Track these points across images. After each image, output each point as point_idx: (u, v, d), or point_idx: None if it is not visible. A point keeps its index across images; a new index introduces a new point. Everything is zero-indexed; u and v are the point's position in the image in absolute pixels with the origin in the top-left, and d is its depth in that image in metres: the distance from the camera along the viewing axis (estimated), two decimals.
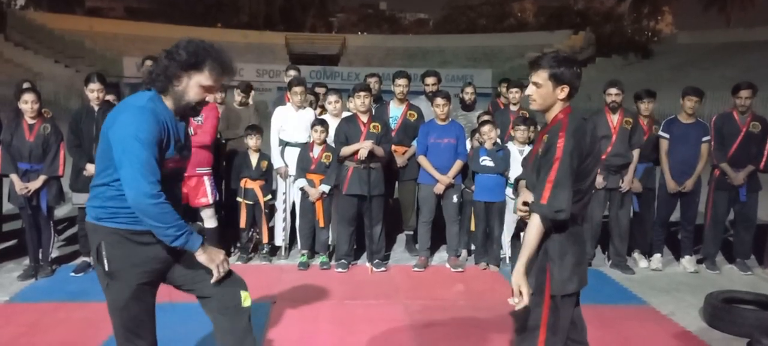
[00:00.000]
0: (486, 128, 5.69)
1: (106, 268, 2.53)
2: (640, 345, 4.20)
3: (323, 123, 5.70)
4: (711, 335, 4.42)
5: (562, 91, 2.66)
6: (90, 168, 5.22)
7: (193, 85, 2.55)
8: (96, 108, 5.26)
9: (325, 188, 5.68)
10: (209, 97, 2.63)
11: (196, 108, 2.63)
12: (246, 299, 2.75)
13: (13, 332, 4.19)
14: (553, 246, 2.68)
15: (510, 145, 5.86)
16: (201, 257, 2.56)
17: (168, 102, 2.59)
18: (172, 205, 2.50)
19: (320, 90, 6.77)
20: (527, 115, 6.30)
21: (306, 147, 5.75)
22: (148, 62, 6.39)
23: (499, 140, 5.84)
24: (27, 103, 5.14)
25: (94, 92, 5.20)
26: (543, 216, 2.57)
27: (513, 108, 6.61)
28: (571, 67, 2.66)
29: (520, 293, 2.61)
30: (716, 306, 4.55)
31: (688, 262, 6.03)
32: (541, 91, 2.69)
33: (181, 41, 2.58)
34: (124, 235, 2.53)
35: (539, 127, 6.16)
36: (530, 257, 2.63)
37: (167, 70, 2.54)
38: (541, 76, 2.69)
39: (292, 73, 6.66)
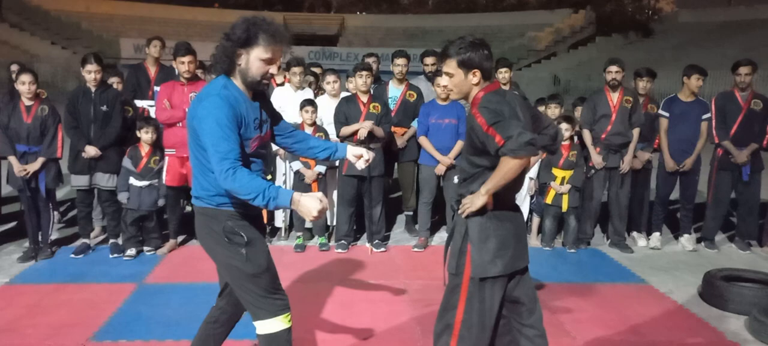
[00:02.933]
0: None
1: (245, 238, 2.70)
2: (638, 323, 4.22)
3: (312, 103, 5.65)
4: (709, 312, 4.44)
5: (474, 76, 2.67)
6: (89, 150, 5.20)
7: (254, 59, 2.64)
8: (93, 89, 5.24)
9: (321, 169, 5.67)
10: (272, 70, 2.70)
11: (262, 83, 2.71)
12: (259, 327, 2.80)
13: (13, 314, 4.21)
14: (473, 228, 2.68)
15: None
16: (296, 209, 2.60)
17: (238, 82, 2.70)
18: (257, 175, 2.66)
19: (316, 70, 6.72)
20: (525, 97, 6.26)
21: (297, 129, 5.70)
22: (156, 42, 6.42)
23: None
24: (24, 85, 5.11)
25: (91, 73, 5.17)
26: (511, 151, 2.50)
27: (504, 88, 6.56)
28: (478, 50, 2.66)
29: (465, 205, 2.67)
30: (714, 284, 4.57)
31: (687, 240, 6.04)
32: (454, 80, 2.71)
33: (236, 22, 2.67)
34: (239, 214, 2.73)
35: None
36: (497, 187, 2.61)
37: (226, 51, 2.66)
38: (450, 65, 2.70)
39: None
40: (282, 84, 6.19)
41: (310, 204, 2.55)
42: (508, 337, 2.88)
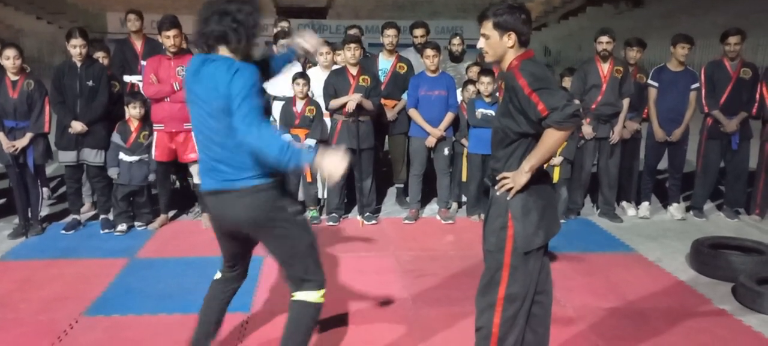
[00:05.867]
0: (488, 78, 5.58)
1: (290, 209, 2.74)
2: (627, 291, 4.27)
3: (304, 76, 5.62)
4: (697, 279, 4.50)
5: (509, 39, 2.66)
6: (75, 125, 5.16)
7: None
8: (79, 64, 5.17)
9: (311, 142, 5.65)
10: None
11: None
12: (299, 295, 2.83)
13: (5, 289, 4.21)
14: (515, 203, 2.68)
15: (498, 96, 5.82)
16: (319, 169, 2.60)
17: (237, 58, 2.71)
18: None
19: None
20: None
21: (289, 102, 5.68)
22: (131, 15, 6.32)
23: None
24: (9, 60, 5.03)
25: (76, 48, 5.11)
26: (557, 122, 2.50)
27: None
28: (515, 13, 2.65)
29: (508, 184, 2.66)
30: (702, 252, 4.62)
31: (675, 209, 6.10)
32: (490, 42, 2.70)
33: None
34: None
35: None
36: (542, 161, 2.62)
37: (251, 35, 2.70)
38: (487, 27, 2.70)
39: (284, 24, 6.58)
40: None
41: (333, 162, 2.52)
42: None
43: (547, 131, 2.55)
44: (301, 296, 2.80)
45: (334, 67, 5.89)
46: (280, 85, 5.84)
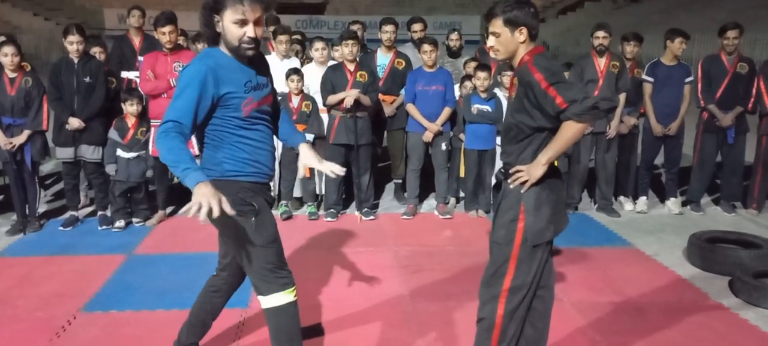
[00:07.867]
0: (484, 74, 5.60)
1: (256, 207, 2.67)
2: (624, 286, 4.28)
3: (298, 72, 5.61)
4: (694, 274, 4.52)
5: (521, 34, 2.65)
6: (73, 121, 5.15)
7: (227, 24, 2.51)
8: (76, 60, 5.17)
9: (310, 137, 5.65)
10: (249, 32, 2.50)
11: (243, 48, 2.53)
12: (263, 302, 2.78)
13: (4, 285, 4.21)
14: (529, 197, 2.68)
15: (497, 91, 5.83)
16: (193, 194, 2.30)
17: (224, 50, 2.60)
18: (263, 144, 2.71)
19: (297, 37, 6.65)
20: None
21: (284, 98, 5.68)
22: (135, 11, 6.31)
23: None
24: (7, 56, 5.03)
25: (73, 44, 5.10)
26: (576, 115, 2.50)
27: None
28: (524, 7, 2.64)
29: (523, 176, 2.65)
30: (699, 246, 4.63)
31: (672, 204, 6.11)
32: (501, 39, 2.69)
33: None
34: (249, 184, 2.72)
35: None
36: (558, 153, 2.62)
37: (204, 19, 2.57)
38: (496, 24, 2.68)
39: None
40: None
41: (200, 198, 2.22)
42: None
43: (566, 124, 2.55)
44: (265, 302, 2.80)
45: (331, 62, 5.89)
46: (281, 81, 5.83)
